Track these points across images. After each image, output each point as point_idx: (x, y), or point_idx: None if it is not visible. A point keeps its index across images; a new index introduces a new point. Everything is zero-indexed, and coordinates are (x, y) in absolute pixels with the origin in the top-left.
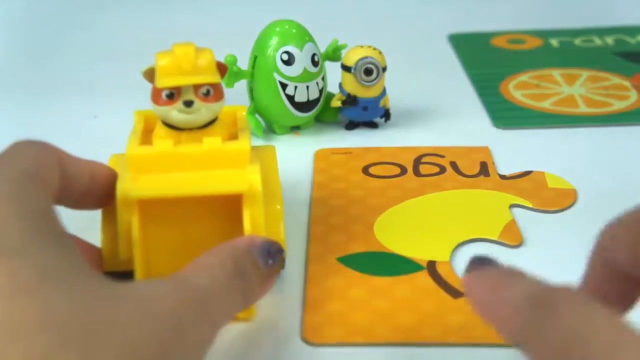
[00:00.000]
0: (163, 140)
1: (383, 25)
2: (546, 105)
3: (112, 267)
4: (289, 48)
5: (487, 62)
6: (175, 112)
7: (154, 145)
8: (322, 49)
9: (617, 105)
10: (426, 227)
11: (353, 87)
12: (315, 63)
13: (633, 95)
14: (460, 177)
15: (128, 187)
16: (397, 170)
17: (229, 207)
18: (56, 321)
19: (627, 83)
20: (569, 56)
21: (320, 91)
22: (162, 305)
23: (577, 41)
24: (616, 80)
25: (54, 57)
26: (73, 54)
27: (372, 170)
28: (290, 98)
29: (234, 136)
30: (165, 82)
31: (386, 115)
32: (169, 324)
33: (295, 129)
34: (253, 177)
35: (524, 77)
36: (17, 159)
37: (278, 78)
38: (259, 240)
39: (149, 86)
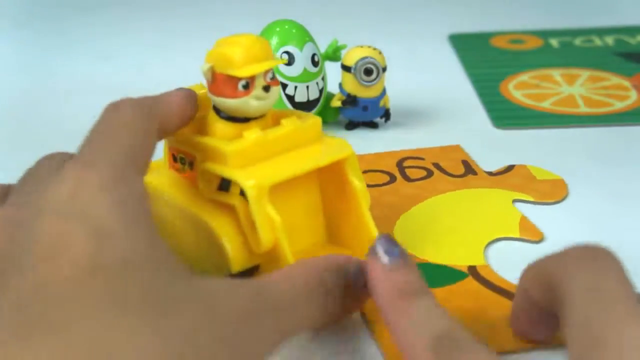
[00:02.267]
0: (252, 130)
1: (383, 25)
2: (546, 105)
3: (242, 265)
4: (289, 48)
5: (487, 62)
6: (253, 101)
7: (245, 137)
8: (322, 49)
9: (617, 105)
10: (444, 231)
11: (353, 87)
12: (315, 63)
13: (633, 95)
14: (450, 178)
15: (255, 178)
16: (386, 178)
17: (310, 182)
18: (130, 297)
19: (627, 83)
20: (569, 56)
21: (320, 91)
22: (231, 305)
23: (577, 41)
24: (616, 80)
25: (54, 57)
26: (73, 54)
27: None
28: (290, 98)
29: (279, 119)
30: (249, 70)
31: (386, 115)
32: (234, 324)
33: None
34: (347, 142)
35: (524, 77)
36: (123, 138)
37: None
38: (356, 259)
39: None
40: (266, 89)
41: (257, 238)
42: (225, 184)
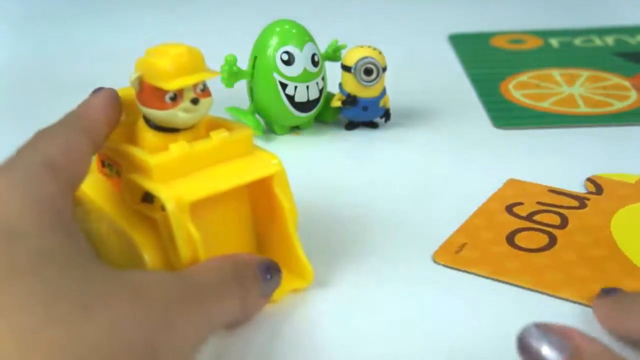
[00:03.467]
0: (179, 143)
1: (383, 25)
2: (546, 105)
3: None
4: (289, 48)
5: (487, 62)
6: (180, 113)
7: (170, 150)
8: (322, 49)
9: (617, 105)
10: None
11: (353, 87)
12: (315, 63)
13: (633, 95)
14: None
15: (177, 193)
16: (546, 240)
17: (239, 197)
18: (46, 299)
19: (627, 83)
20: (569, 56)
21: (320, 91)
22: (155, 292)
23: (577, 41)
24: (616, 80)
25: (54, 57)
26: (73, 54)
27: (518, 241)
28: (290, 98)
29: (212, 129)
30: (176, 83)
31: (386, 115)
32: (161, 311)
33: (295, 129)
34: (277, 158)
35: (524, 77)
36: (42, 146)
37: (278, 78)
38: (259, 257)
39: None
40: (194, 101)
41: (177, 254)
42: (149, 196)
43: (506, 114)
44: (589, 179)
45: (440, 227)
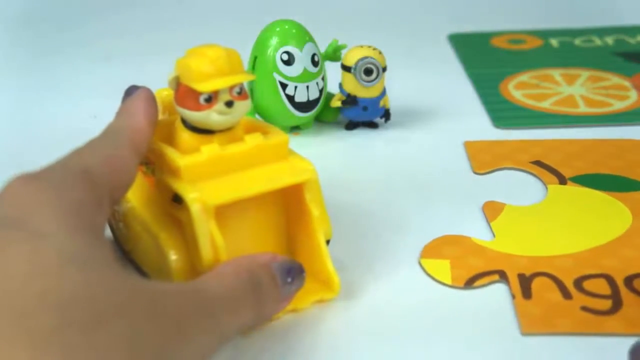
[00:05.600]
0: (210, 145)
1: (383, 25)
2: (546, 105)
3: (185, 280)
4: (289, 48)
5: (487, 62)
6: (214, 115)
7: (201, 152)
8: (322, 49)
9: (617, 105)
10: None
11: (353, 87)
12: (315, 63)
13: (633, 95)
14: None
15: (203, 196)
16: None
17: (272, 203)
18: (62, 303)
19: (627, 83)
20: (569, 56)
21: (320, 91)
22: (169, 304)
23: (577, 41)
24: (616, 80)
25: (54, 57)
26: (73, 54)
27: None
28: (290, 98)
29: (250, 132)
30: (210, 85)
31: (386, 115)
32: (173, 323)
33: (295, 129)
34: (311, 165)
35: (524, 77)
36: (84, 155)
37: (278, 78)
38: (281, 258)
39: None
40: (229, 104)
41: (199, 256)
42: (178, 197)
43: (506, 114)
44: None
45: (441, 228)
